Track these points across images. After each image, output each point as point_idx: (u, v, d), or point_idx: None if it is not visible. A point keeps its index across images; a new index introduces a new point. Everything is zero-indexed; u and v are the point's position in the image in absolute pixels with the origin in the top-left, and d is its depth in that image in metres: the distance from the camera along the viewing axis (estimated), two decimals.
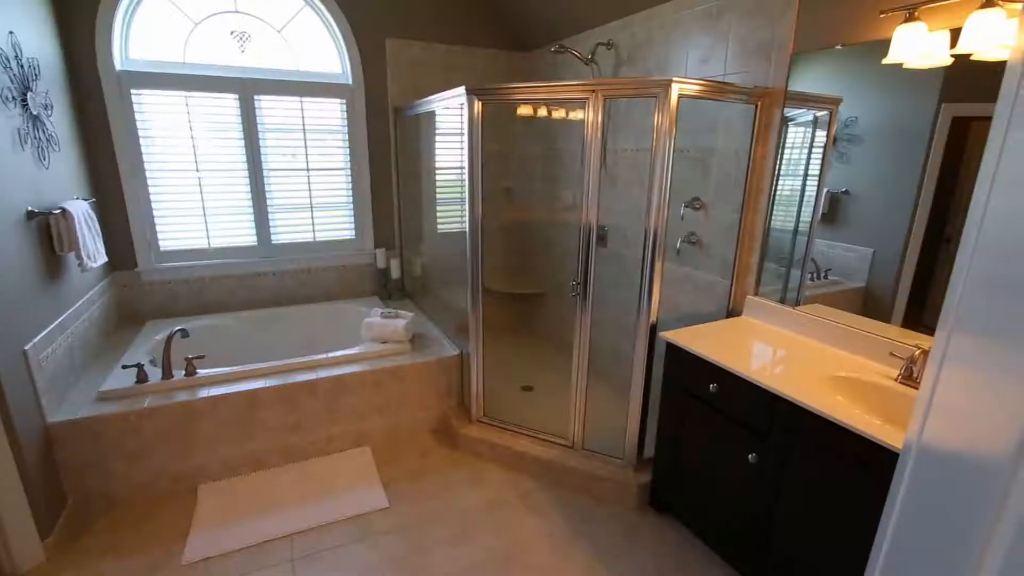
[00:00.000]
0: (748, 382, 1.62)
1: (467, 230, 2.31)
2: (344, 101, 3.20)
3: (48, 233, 2.16)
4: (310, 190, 3.25)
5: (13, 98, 2.02)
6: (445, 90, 2.60)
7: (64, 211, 2.16)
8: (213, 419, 2.25)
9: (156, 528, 2.08)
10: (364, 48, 3.16)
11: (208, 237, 3.08)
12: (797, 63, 1.88)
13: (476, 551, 1.99)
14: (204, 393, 2.23)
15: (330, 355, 2.55)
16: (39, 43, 2.28)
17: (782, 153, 1.99)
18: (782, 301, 2.05)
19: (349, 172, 3.32)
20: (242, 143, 3.02)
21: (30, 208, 2.04)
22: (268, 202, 3.16)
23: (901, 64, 1.58)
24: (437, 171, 3.38)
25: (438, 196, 3.43)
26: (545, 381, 3.08)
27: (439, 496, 2.28)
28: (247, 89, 2.95)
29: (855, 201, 1.79)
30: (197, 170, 2.97)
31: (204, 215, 3.04)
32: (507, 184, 3.75)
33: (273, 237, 3.22)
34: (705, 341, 1.87)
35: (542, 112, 3.45)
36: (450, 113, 3.10)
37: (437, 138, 3.29)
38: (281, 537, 2.03)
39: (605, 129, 1.95)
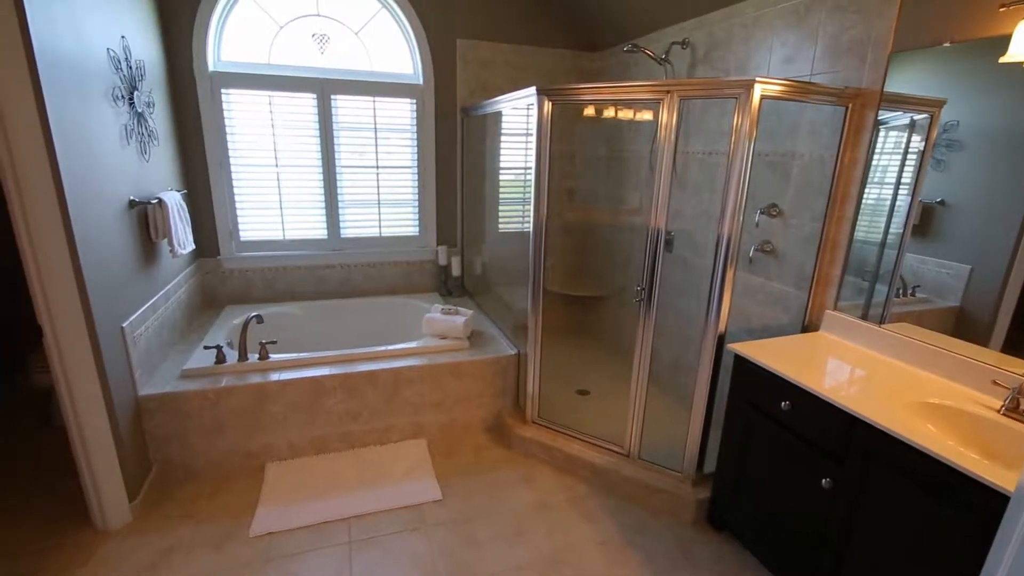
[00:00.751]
0: (825, 402, 1.52)
1: (531, 230, 2.31)
2: (414, 101, 3.29)
3: (146, 221, 2.35)
4: (378, 187, 3.36)
5: (122, 97, 2.20)
6: (512, 90, 2.61)
7: (160, 201, 2.34)
8: (282, 402, 2.37)
9: (227, 500, 2.21)
10: (435, 48, 3.23)
11: (283, 229, 3.25)
12: (892, 62, 1.75)
13: (526, 551, 1.98)
14: (275, 377, 2.36)
15: (391, 347, 2.62)
16: (144, 47, 2.48)
17: (872, 159, 1.85)
18: (864, 318, 1.91)
19: (416, 170, 3.40)
20: (318, 140, 3.16)
21: (132, 198, 2.23)
22: (339, 197, 3.29)
23: (1022, 63, 1.42)
24: (501, 171, 3.41)
25: (501, 196, 3.46)
26: (601, 386, 3.04)
27: (491, 493, 2.29)
28: (325, 89, 3.09)
29: (952, 213, 1.64)
30: (276, 165, 3.14)
31: (280, 208, 3.21)
32: (570, 185, 3.72)
33: (342, 231, 3.35)
34: (778, 356, 1.77)
35: (608, 112, 3.40)
36: (517, 113, 3.12)
37: (502, 138, 3.32)
38: (340, 520, 2.11)
39: (678, 131, 1.89)
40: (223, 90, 2.95)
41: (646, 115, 3.16)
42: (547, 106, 2.13)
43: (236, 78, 2.96)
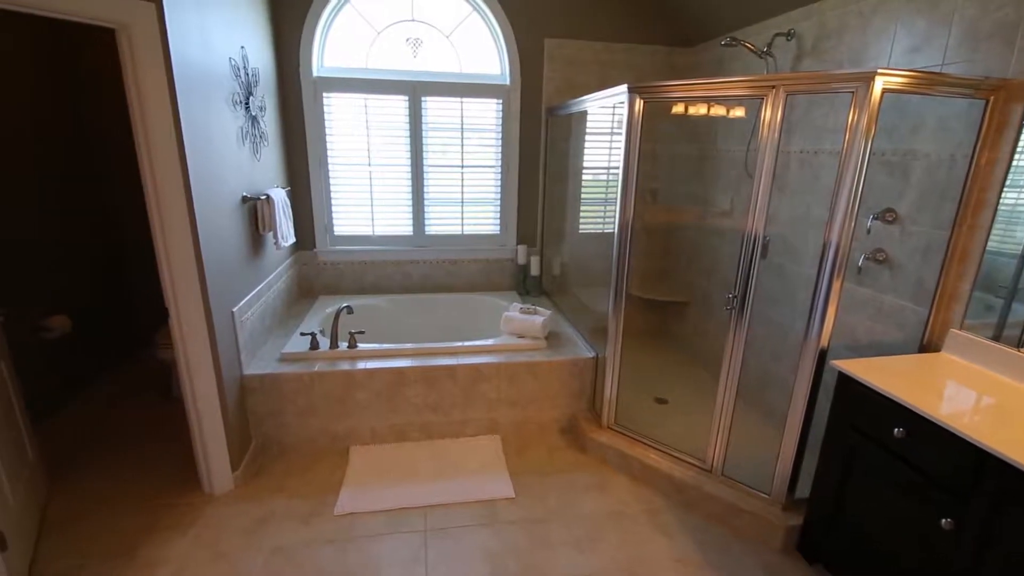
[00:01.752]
0: (948, 432, 1.35)
1: (615, 232, 2.25)
2: (500, 101, 3.33)
3: (255, 215, 2.56)
4: (462, 186, 3.44)
5: (240, 102, 2.41)
6: (599, 89, 2.56)
7: (268, 197, 2.54)
8: (368, 389, 2.49)
9: (315, 478, 2.36)
10: (523, 48, 3.25)
11: (373, 225, 3.41)
12: None
13: (598, 559, 1.94)
14: (362, 365, 2.48)
15: (471, 344, 2.67)
16: (259, 56, 2.70)
17: (1014, 159, 1.62)
18: (997, 339, 1.68)
19: (499, 170, 3.44)
20: (408, 141, 3.29)
21: (244, 194, 2.43)
22: (425, 195, 3.40)
23: None
24: (584, 171, 3.37)
25: (583, 196, 3.41)
26: (681, 395, 2.91)
27: (564, 496, 2.27)
28: (416, 91, 3.21)
29: None
30: (369, 164, 3.30)
31: (371, 205, 3.38)
32: (654, 185, 3.60)
33: (426, 228, 3.47)
34: (891, 376, 1.60)
35: (697, 110, 3.25)
36: (603, 112, 3.06)
37: (587, 137, 3.27)
38: (416, 508, 2.18)
39: (782, 129, 1.76)
40: (324, 94, 3.15)
41: (738, 112, 2.99)
42: (638, 104, 2.07)
43: (336, 82, 3.14)
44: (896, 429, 1.50)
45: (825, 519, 1.80)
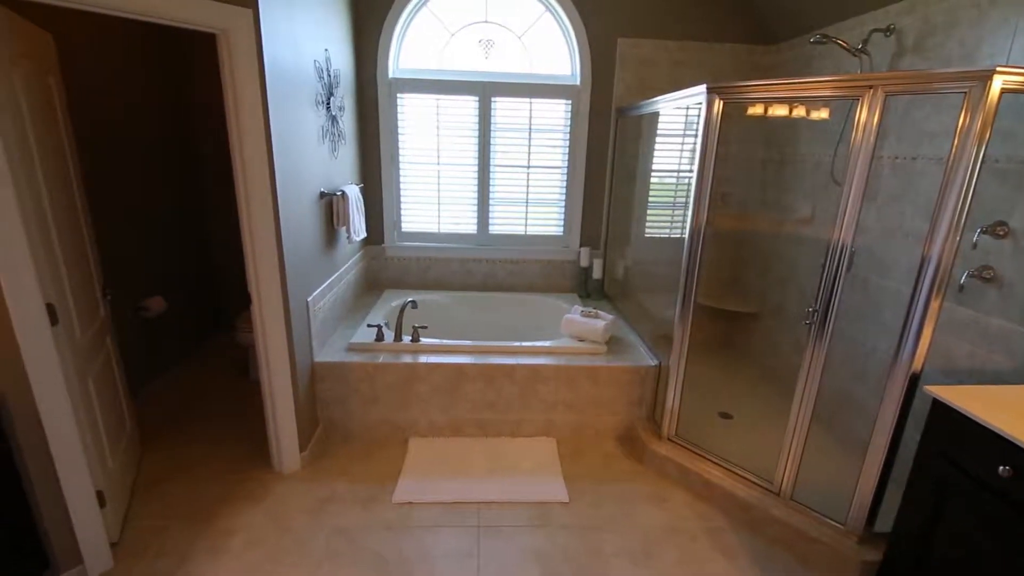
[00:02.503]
0: None
1: (685, 237, 2.18)
2: (569, 102, 3.30)
3: (330, 210, 2.68)
4: (527, 186, 3.44)
5: (322, 102, 2.53)
6: (672, 90, 2.49)
7: (343, 193, 2.65)
8: (428, 383, 2.55)
9: (375, 465, 2.44)
10: (595, 48, 3.21)
11: (439, 222, 3.49)
12: None
13: (654, 575, 1.88)
14: (424, 359, 2.54)
15: (529, 344, 2.67)
16: (340, 58, 2.82)
17: None
18: None
19: (565, 171, 3.42)
20: (476, 140, 3.34)
21: (322, 190, 2.55)
22: (490, 195, 3.44)
23: None
24: (652, 173, 3.28)
25: (650, 199, 3.33)
26: (747, 411, 2.77)
27: (619, 506, 2.22)
28: (487, 92, 3.24)
29: None
30: (438, 163, 3.38)
31: (438, 203, 3.45)
32: (725, 189, 3.45)
33: (490, 227, 3.50)
34: (998, 408, 1.44)
35: (775, 111, 3.08)
36: (677, 113, 2.97)
37: (657, 139, 3.18)
38: (471, 503, 2.20)
39: (878, 132, 1.62)
40: (398, 95, 3.25)
41: (822, 114, 2.80)
42: (717, 105, 1.98)
43: (410, 83, 3.24)
44: (1002, 467, 1.35)
45: (909, 559, 1.65)
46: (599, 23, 3.17)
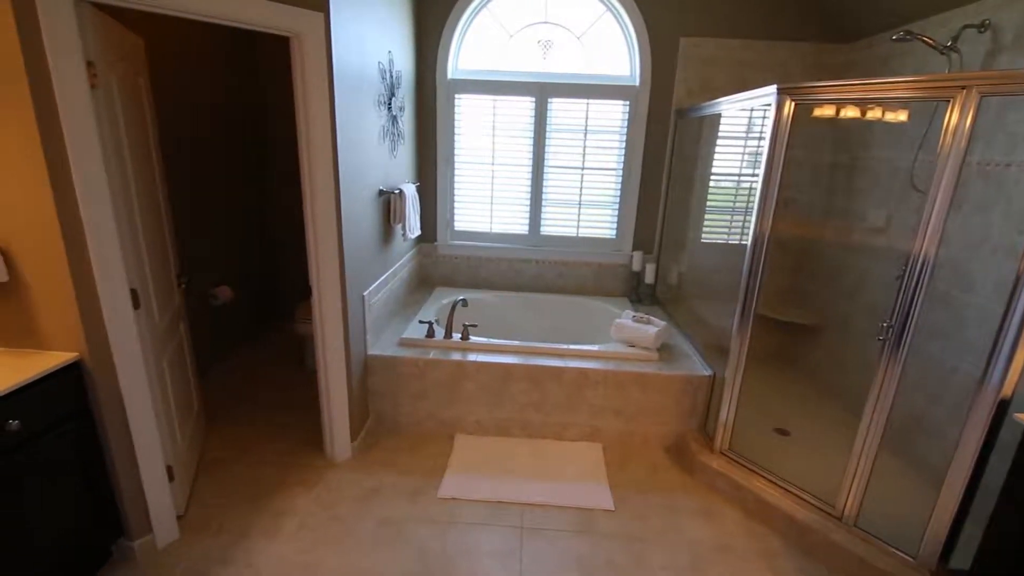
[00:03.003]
0: None
1: (748, 244, 2.09)
2: (627, 103, 3.25)
3: (388, 208, 2.75)
4: (581, 188, 3.41)
5: (384, 102, 2.60)
6: (736, 91, 2.40)
7: (401, 192, 2.71)
8: (475, 381, 2.57)
9: (422, 459, 2.48)
10: (656, 48, 3.14)
11: (491, 222, 3.51)
12: None
13: None
14: (472, 357, 2.56)
15: (579, 347, 2.64)
16: (402, 60, 2.89)
17: None
18: None
19: (620, 173, 3.37)
20: (531, 141, 3.34)
21: (381, 188, 2.62)
22: (543, 196, 3.43)
23: None
24: (712, 177, 3.17)
25: (708, 204, 3.22)
26: (806, 428, 2.64)
27: (667, 518, 2.16)
28: (544, 92, 3.24)
29: None
30: (492, 164, 3.40)
31: (491, 203, 3.47)
32: (788, 194, 3.29)
33: (542, 228, 3.50)
34: None
35: (847, 113, 2.90)
36: (741, 115, 2.86)
37: (718, 142, 3.08)
38: (515, 503, 2.20)
39: (971, 137, 1.50)
40: (456, 95, 3.30)
41: (899, 116, 2.63)
42: (788, 107, 1.89)
43: (468, 84, 3.27)
44: None
45: None
46: (661, 22, 3.10)
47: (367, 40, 2.31)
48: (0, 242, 1.51)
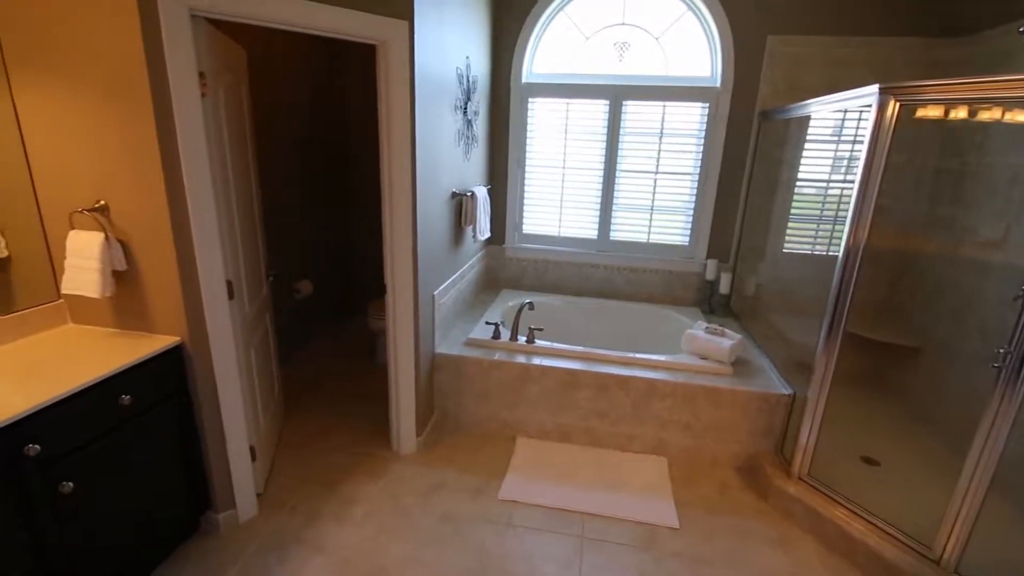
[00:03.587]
0: None
1: (838, 256, 1.94)
2: (706, 105, 3.12)
3: (459, 210, 2.80)
4: (654, 193, 3.32)
5: (460, 106, 2.66)
6: (827, 91, 2.23)
7: (472, 194, 2.76)
8: (539, 385, 2.56)
9: (483, 459, 2.50)
10: (740, 48, 3.00)
11: (559, 226, 3.50)
12: None
13: None
14: (537, 361, 2.56)
15: (645, 356, 2.57)
16: (479, 64, 2.94)
17: None
18: None
19: (696, 178, 3.24)
20: (603, 145, 3.29)
21: (454, 190, 2.68)
22: (614, 201, 3.37)
23: None
24: (798, 183, 2.98)
25: (792, 211, 3.03)
26: (898, 459, 2.41)
27: (735, 543, 2.05)
28: (618, 95, 3.18)
29: None
30: (563, 167, 3.39)
31: (560, 207, 3.46)
32: (883, 202, 3.03)
33: (612, 233, 3.43)
34: None
35: (958, 114, 2.63)
36: (833, 117, 2.67)
37: (806, 146, 2.89)
38: (575, 512, 2.17)
39: None
40: (530, 99, 3.32)
41: (1018, 117, 2.34)
42: (892, 108, 1.74)
43: (542, 88, 3.28)
44: None
45: None
46: (747, 21, 2.96)
47: (447, 46, 2.37)
48: (122, 236, 1.68)
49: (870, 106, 1.81)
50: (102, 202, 1.66)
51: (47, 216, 1.74)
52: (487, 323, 2.81)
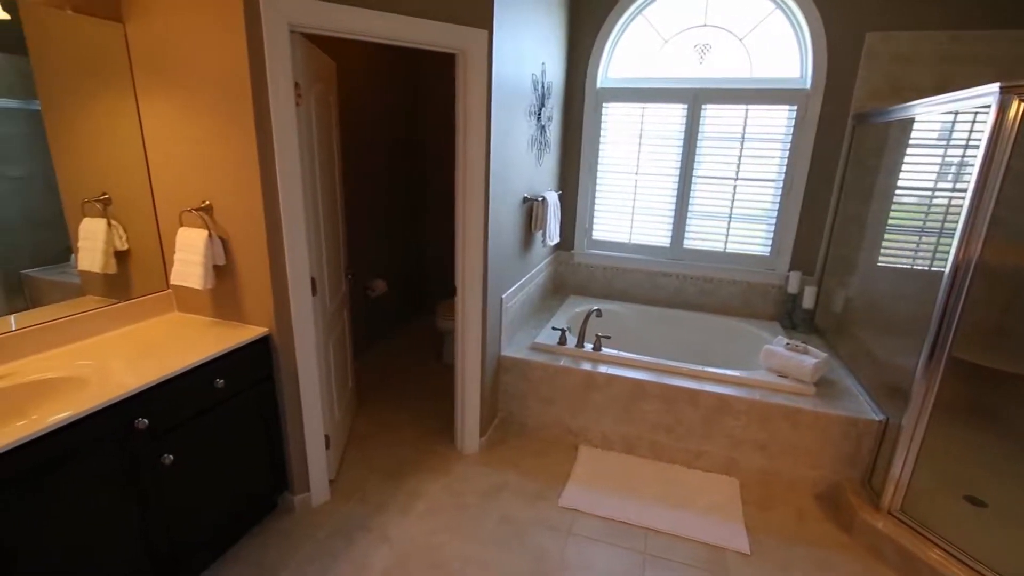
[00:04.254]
0: None
1: (945, 272, 1.77)
2: (794, 108, 2.95)
3: (530, 214, 2.82)
4: (733, 200, 3.17)
5: (534, 112, 2.68)
6: (935, 91, 2.03)
7: (543, 199, 2.77)
8: (605, 394, 2.52)
9: (546, 464, 2.49)
10: (834, 47, 2.80)
11: (630, 233, 3.43)
12: None
13: None
14: (603, 369, 2.51)
15: (718, 371, 2.46)
16: (554, 70, 2.95)
17: None
18: None
19: (780, 185, 3.07)
20: (680, 150, 3.19)
21: (525, 195, 2.70)
22: (689, 208, 3.26)
23: None
24: (897, 191, 2.74)
25: (890, 222, 2.78)
26: (1010, 500, 2.14)
27: (813, 574, 1.90)
28: (698, 99, 3.08)
29: None
30: (636, 173, 3.32)
31: (632, 213, 3.39)
32: (998, 212, 2.71)
33: (685, 241, 3.32)
34: None
35: None
36: (943, 119, 2.43)
37: (909, 151, 2.65)
38: (638, 526, 2.11)
39: None
40: (604, 104, 3.28)
41: None
42: (1016, 108, 1.56)
43: (617, 92, 3.24)
44: None
45: None
46: (843, 17, 2.77)
47: (524, 53, 2.40)
48: (223, 234, 1.84)
49: (988, 107, 1.63)
50: (207, 202, 1.83)
51: (161, 214, 1.93)
52: (553, 328, 2.81)
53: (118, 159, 1.80)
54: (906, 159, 2.65)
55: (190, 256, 1.80)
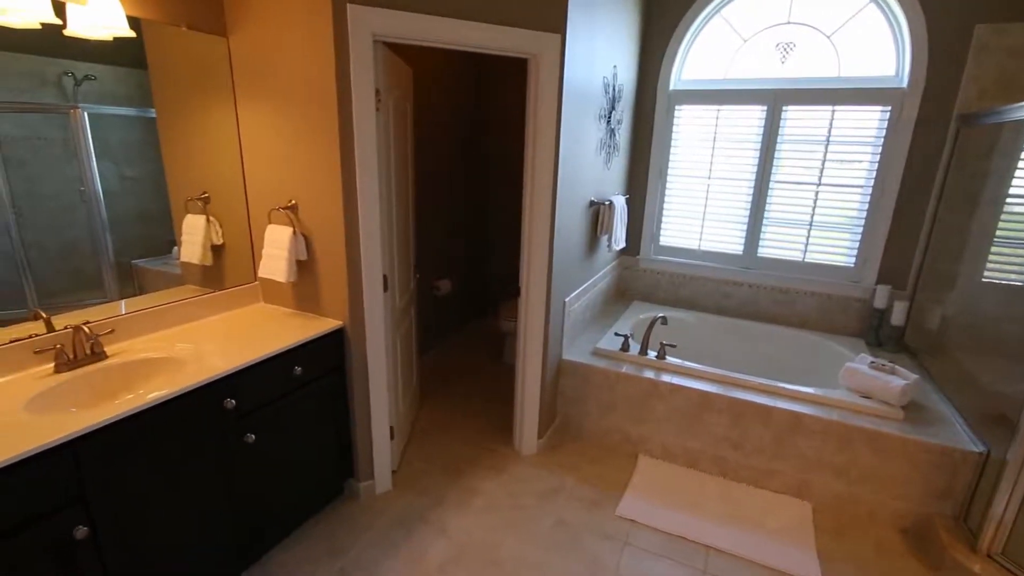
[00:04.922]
0: None
1: None
2: (887, 108, 2.74)
3: (596, 218, 2.80)
4: (814, 207, 2.99)
5: (604, 116, 2.66)
6: None
7: (611, 203, 2.74)
8: (667, 404, 2.45)
9: (603, 471, 2.46)
10: (936, 41, 2.58)
11: (700, 239, 3.31)
12: None
13: None
14: (667, 378, 2.45)
15: (793, 387, 2.32)
16: (625, 73, 2.91)
17: None
18: None
19: (868, 191, 2.85)
20: (756, 154, 3.05)
21: (592, 199, 2.69)
22: (765, 214, 3.10)
23: None
24: (1007, 200, 2.47)
25: (997, 233, 2.52)
26: None
27: None
28: (778, 100, 2.93)
29: None
30: (708, 177, 3.21)
31: (703, 219, 3.28)
32: None
33: (759, 250, 3.16)
34: None
35: None
36: None
37: (1023, 155, 2.39)
38: (698, 544, 2.03)
39: None
40: (676, 107, 3.20)
41: None
42: None
43: (690, 95, 3.14)
44: None
45: None
46: (947, 9, 2.54)
47: (596, 56, 2.39)
48: (306, 231, 1.97)
49: None
50: (293, 201, 1.96)
51: (252, 212, 2.10)
52: (616, 334, 2.76)
53: (218, 161, 1.98)
54: (1020, 164, 2.39)
55: (276, 251, 1.94)
